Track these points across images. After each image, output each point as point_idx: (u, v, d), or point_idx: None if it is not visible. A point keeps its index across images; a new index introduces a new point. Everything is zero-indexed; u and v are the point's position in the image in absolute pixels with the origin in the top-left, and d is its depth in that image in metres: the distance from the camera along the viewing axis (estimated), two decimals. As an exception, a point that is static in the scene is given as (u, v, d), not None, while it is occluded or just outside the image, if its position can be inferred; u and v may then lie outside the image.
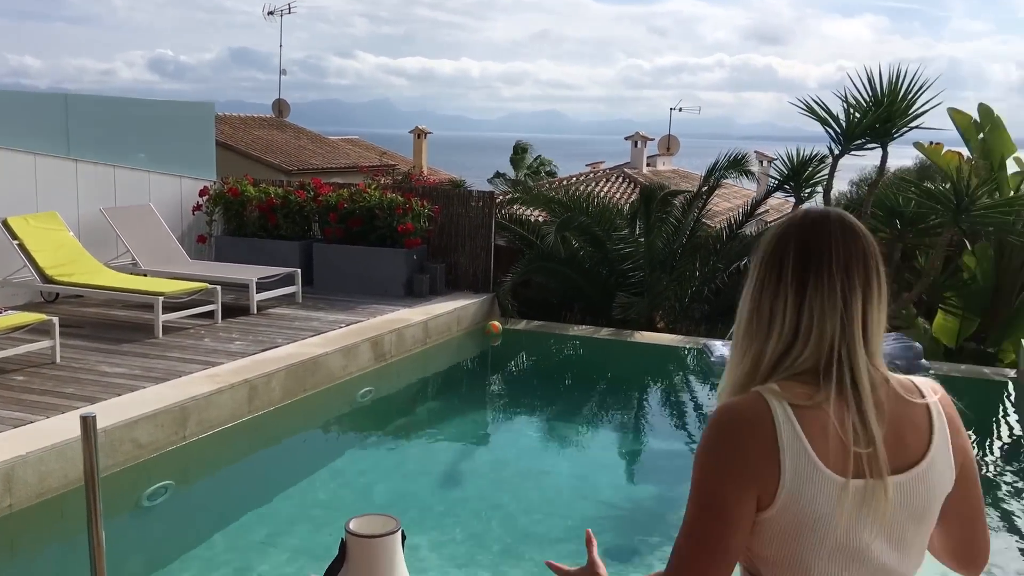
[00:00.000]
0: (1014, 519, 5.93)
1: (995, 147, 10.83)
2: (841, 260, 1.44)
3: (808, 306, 1.43)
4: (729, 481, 1.39)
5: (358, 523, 2.51)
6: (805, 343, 1.43)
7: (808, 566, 1.42)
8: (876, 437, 1.40)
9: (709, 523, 1.41)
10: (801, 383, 1.42)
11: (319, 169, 22.71)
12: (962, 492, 1.53)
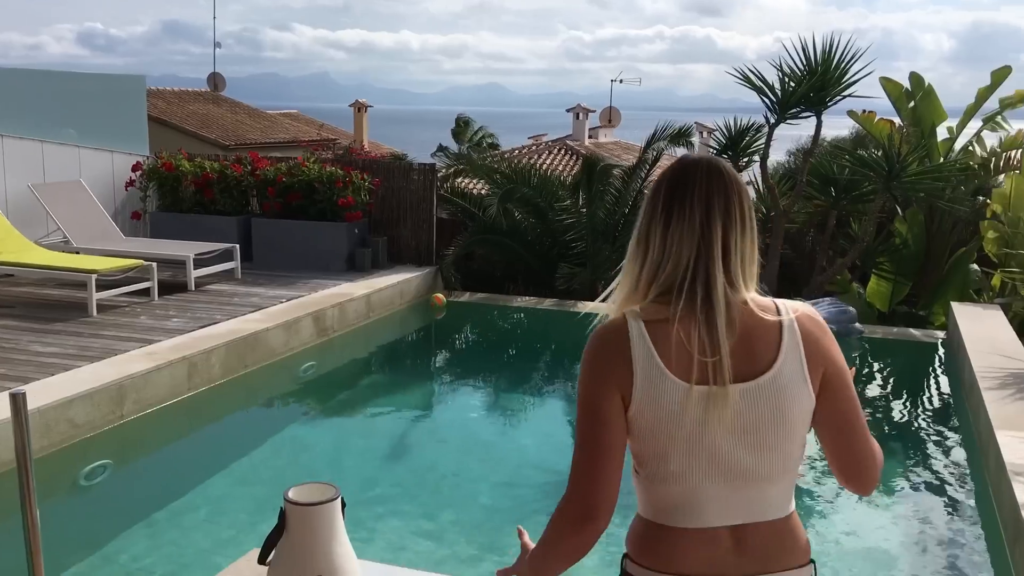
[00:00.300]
0: (942, 475, 6.13)
1: (925, 115, 11.08)
2: (703, 194, 1.66)
3: (671, 233, 1.66)
4: (596, 386, 1.65)
5: (297, 492, 2.51)
6: (667, 265, 1.65)
7: (668, 459, 1.64)
8: (721, 347, 1.60)
9: (587, 423, 1.66)
10: (662, 302, 1.65)
11: (257, 144, 22.34)
12: (830, 403, 1.68)
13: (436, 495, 5.47)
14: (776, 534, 1.69)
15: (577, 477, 1.67)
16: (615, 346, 1.65)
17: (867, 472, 1.72)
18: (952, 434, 6.88)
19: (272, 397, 7.46)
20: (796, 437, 1.66)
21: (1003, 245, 9.76)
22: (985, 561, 4.67)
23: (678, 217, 1.66)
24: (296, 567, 2.41)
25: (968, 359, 7.18)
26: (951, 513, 5.41)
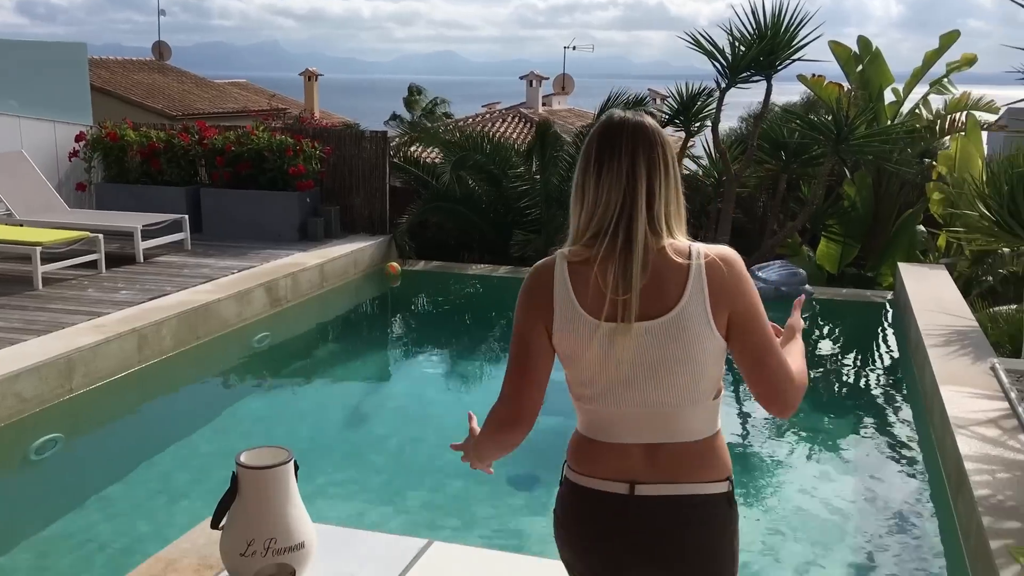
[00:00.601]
0: (890, 429, 6.28)
1: (873, 78, 11.20)
2: (629, 147, 1.83)
3: (602, 183, 1.83)
4: (525, 317, 1.90)
5: (249, 455, 2.49)
6: (599, 211, 1.83)
7: (588, 385, 1.87)
8: (633, 288, 1.77)
9: (517, 347, 1.92)
10: (588, 245, 1.84)
11: (205, 114, 21.95)
12: (741, 340, 1.84)
13: (394, 462, 5.48)
14: (687, 453, 1.87)
15: (507, 390, 1.94)
16: (541, 283, 1.88)
17: (783, 397, 1.88)
18: (899, 391, 7.05)
19: (225, 368, 7.38)
20: (702, 372, 1.83)
21: (948, 206, 9.94)
22: (930, 511, 4.80)
23: (607, 168, 1.83)
24: (249, 530, 2.40)
25: (914, 318, 7.34)
26: (899, 466, 5.55)
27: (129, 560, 3.92)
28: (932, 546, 4.44)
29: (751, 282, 1.87)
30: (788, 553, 4.34)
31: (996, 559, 3.50)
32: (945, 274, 9.06)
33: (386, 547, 2.72)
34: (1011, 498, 4.03)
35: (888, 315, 9.00)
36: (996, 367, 5.86)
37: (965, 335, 6.79)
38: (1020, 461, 4.43)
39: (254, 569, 2.41)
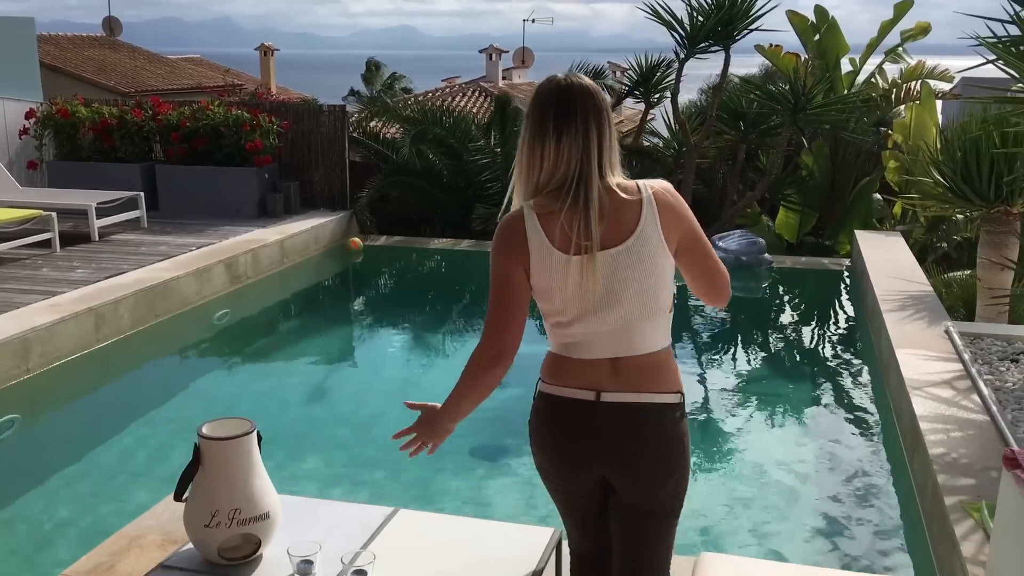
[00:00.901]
0: (848, 392, 6.40)
1: (830, 48, 11.29)
2: (582, 113, 2.11)
3: (562, 146, 2.10)
4: (504, 260, 2.16)
5: (211, 427, 2.47)
6: (559, 171, 2.11)
7: (562, 312, 2.16)
8: (593, 234, 2.08)
9: (499, 288, 2.18)
10: (551, 198, 2.12)
11: (159, 91, 21.53)
12: (688, 256, 2.20)
13: (358, 436, 5.46)
14: (646, 365, 2.18)
15: (493, 329, 2.20)
16: (516, 232, 2.14)
17: (725, 291, 2.28)
18: (856, 355, 7.16)
19: (185, 346, 7.31)
20: (660, 287, 2.15)
21: (904, 174, 10.08)
22: (887, 471, 4.90)
23: (567, 134, 2.10)
24: (213, 502, 2.39)
25: (871, 284, 7.45)
26: (856, 428, 5.65)
27: (91, 539, 3.89)
28: (889, 504, 4.54)
29: (686, 204, 2.21)
30: (748, 515, 4.41)
31: (951, 515, 3.59)
32: (901, 241, 9.21)
33: (352, 515, 2.72)
34: (964, 456, 4.12)
35: (846, 282, 9.13)
36: (950, 330, 5.97)
37: (920, 300, 6.92)
38: (973, 420, 4.53)
39: (219, 540, 2.40)
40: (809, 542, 4.18)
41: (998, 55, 5.51)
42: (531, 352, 2.56)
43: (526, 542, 2.60)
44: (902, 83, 11.39)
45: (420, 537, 2.62)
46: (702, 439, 5.40)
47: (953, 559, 3.42)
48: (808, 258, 9.97)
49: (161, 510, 3.73)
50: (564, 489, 2.32)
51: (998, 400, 4.74)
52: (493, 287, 2.19)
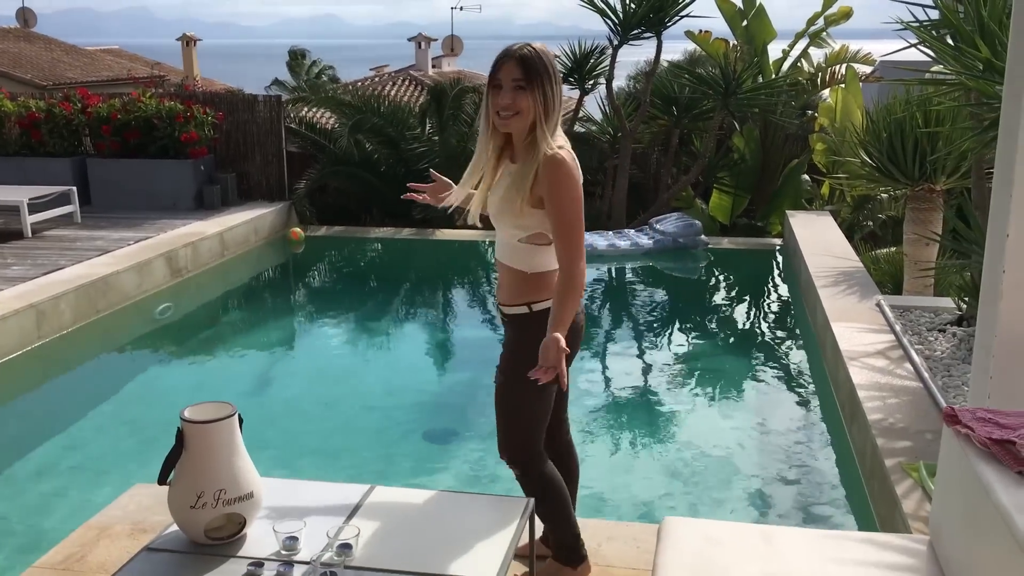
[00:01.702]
0: (786, 365, 6.64)
1: (757, 33, 11.58)
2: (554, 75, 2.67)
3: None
4: (582, 191, 2.66)
5: (193, 411, 2.51)
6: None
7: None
8: None
9: (581, 216, 2.67)
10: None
11: (79, 83, 20.98)
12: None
13: (307, 425, 5.47)
14: None
15: (580, 252, 2.65)
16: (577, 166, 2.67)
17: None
18: (793, 329, 7.43)
19: (128, 341, 7.21)
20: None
21: (831, 155, 10.43)
22: (827, 439, 5.14)
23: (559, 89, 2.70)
24: (198, 483, 2.43)
25: (804, 261, 7.73)
26: (795, 398, 5.89)
27: (39, 537, 3.88)
28: (830, 469, 4.76)
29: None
30: (696, 485, 4.58)
31: (891, 475, 3.81)
32: (830, 220, 9.54)
33: (330, 493, 2.79)
34: (900, 420, 4.36)
35: (779, 261, 9.43)
36: (881, 303, 6.26)
37: (851, 276, 7.21)
38: (907, 387, 4.78)
39: (205, 520, 2.44)
40: (756, 507, 4.37)
41: (921, 39, 5.77)
42: (480, 337, 2.66)
43: (500, 511, 2.71)
44: (827, 67, 11.75)
45: (399, 511, 2.70)
46: (649, 416, 5.57)
47: (895, 516, 3.63)
48: (743, 239, 10.25)
49: (126, 501, 3.75)
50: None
51: (929, 368, 5.01)
52: (576, 215, 2.63)
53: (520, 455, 2.91)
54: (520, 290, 2.80)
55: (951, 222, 6.69)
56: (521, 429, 2.88)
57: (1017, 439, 2.24)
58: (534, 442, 2.91)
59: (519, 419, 2.88)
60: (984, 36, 4.90)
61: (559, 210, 2.63)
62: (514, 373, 2.78)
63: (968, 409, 2.51)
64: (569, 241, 2.64)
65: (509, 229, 2.76)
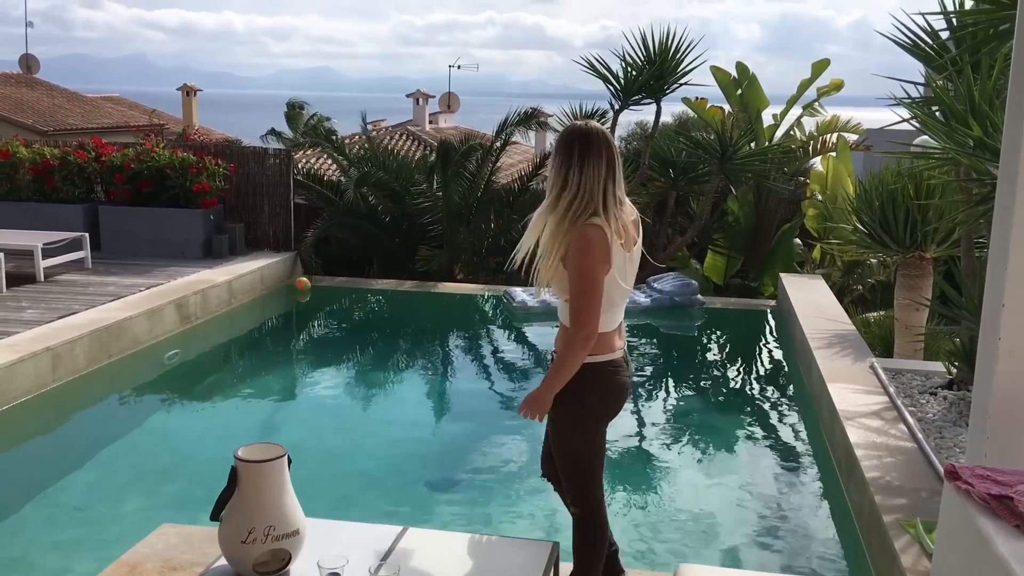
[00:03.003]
0: (781, 424, 6.82)
1: (752, 101, 11.98)
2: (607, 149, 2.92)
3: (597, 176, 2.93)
4: (600, 262, 2.87)
5: (246, 451, 2.68)
6: (595, 197, 2.91)
7: (619, 289, 2.98)
8: (633, 235, 3.04)
9: (598, 284, 2.87)
10: (601, 217, 2.91)
11: (79, 130, 21.28)
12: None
13: (309, 471, 5.53)
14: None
15: (593, 316, 2.87)
16: (605, 238, 2.86)
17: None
18: (787, 388, 7.63)
19: (140, 385, 7.34)
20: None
21: (823, 220, 10.75)
22: (824, 496, 5.30)
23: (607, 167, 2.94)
24: (249, 520, 2.59)
25: (799, 323, 7.96)
26: (791, 457, 6.06)
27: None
28: (828, 525, 4.92)
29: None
30: (689, 541, 4.72)
31: (889, 531, 3.98)
32: (823, 283, 9.81)
33: (366, 534, 2.94)
34: (897, 478, 4.54)
35: (770, 321, 9.66)
36: (875, 365, 6.47)
37: (845, 338, 7.43)
38: (902, 447, 4.97)
39: (254, 556, 2.60)
40: (757, 561, 4.51)
41: (914, 114, 6.08)
42: (479, 389, 2.84)
43: (528, 555, 2.87)
44: (818, 135, 12.14)
45: (432, 551, 2.86)
46: (647, 472, 5.72)
47: (893, 570, 3.79)
48: (736, 299, 10.49)
49: (155, 539, 3.87)
50: (604, 430, 3.08)
51: (922, 429, 5.20)
52: (592, 286, 2.86)
53: (584, 499, 3.09)
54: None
55: (940, 287, 6.94)
56: (579, 475, 3.08)
57: (1014, 495, 2.44)
58: (593, 486, 3.10)
59: (578, 465, 3.07)
60: (975, 115, 5.20)
61: (571, 280, 2.89)
62: (563, 421, 3.04)
63: (967, 466, 2.71)
64: (577, 307, 2.89)
65: (557, 288, 3.01)
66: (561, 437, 3.07)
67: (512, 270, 3.29)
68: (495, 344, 9.21)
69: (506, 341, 9.22)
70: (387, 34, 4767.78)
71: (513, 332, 9.34)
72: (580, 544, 3.09)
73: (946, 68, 5.73)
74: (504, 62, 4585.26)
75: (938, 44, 6.07)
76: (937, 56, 6.01)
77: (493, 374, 8.00)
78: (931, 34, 6.07)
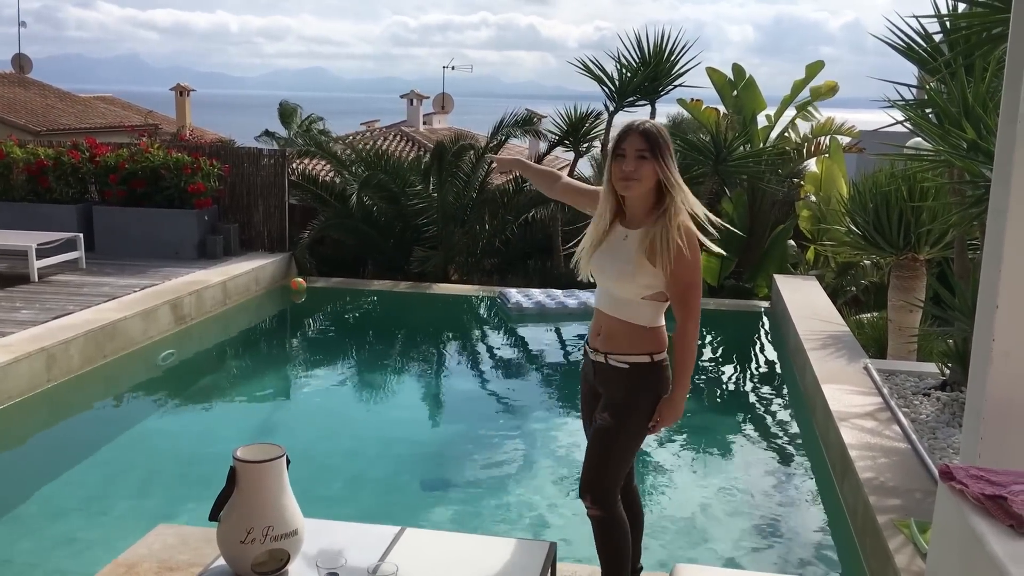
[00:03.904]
0: (776, 425, 6.85)
1: (747, 103, 12.00)
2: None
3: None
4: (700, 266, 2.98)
5: (245, 451, 2.69)
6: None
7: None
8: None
9: (701, 280, 2.97)
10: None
11: (72, 130, 21.23)
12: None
13: (305, 472, 5.54)
14: None
15: (699, 313, 2.97)
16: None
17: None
18: (782, 389, 7.65)
19: (135, 386, 7.33)
20: None
21: (816, 222, 10.78)
22: (818, 497, 5.32)
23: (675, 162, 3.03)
24: (248, 520, 2.60)
25: (793, 324, 7.99)
26: (786, 458, 6.08)
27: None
28: (822, 525, 4.95)
29: None
30: (685, 542, 4.74)
31: (883, 531, 4.00)
32: (816, 284, 9.84)
33: (364, 534, 2.95)
34: (891, 479, 4.56)
35: (764, 322, 9.69)
36: (869, 367, 6.50)
37: (839, 339, 7.46)
38: (896, 448, 4.99)
39: (253, 555, 2.60)
40: (752, 562, 4.53)
41: (908, 117, 6.12)
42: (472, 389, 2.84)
43: (526, 555, 2.88)
44: (813, 137, 12.17)
45: (430, 551, 2.87)
46: (645, 473, 5.73)
47: (888, 570, 3.81)
48: (730, 300, 10.52)
49: (152, 540, 3.88)
50: None
51: (916, 430, 5.23)
52: (699, 284, 2.96)
53: (608, 497, 3.08)
54: (641, 342, 3.01)
55: (933, 289, 6.97)
56: (618, 472, 3.07)
57: (1008, 495, 2.46)
58: (619, 485, 3.10)
59: (622, 462, 3.07)
60: (969, 117, 5.23)
61: (687, 275, 2.90)
62: (631, 418, 3.03)
63: (962, 467, 2.73)
64: (693, 305, 2.95)
65: (633, 288, 2.96)
66: (629, 434, 3.05)
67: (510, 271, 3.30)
68: (489, 345, 9.23)
69: (500, 342, 9.24)
70: (381, 35, 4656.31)
71: (507, 333, 9.36)
72: (606, 546, 3.10)
73: (939, 71, 5.76)
74: (498, 63, 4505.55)
75: (931, 47, 6.10)
76: (931, 59, 6.05)
77: (488, 375, 8.01)
78: (924, 37, 6.10)
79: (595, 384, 3.15)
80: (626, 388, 3.03)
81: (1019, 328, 2.86)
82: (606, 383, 3.09)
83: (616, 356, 3.04)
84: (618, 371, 3.04)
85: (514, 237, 11.63)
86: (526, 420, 6.67)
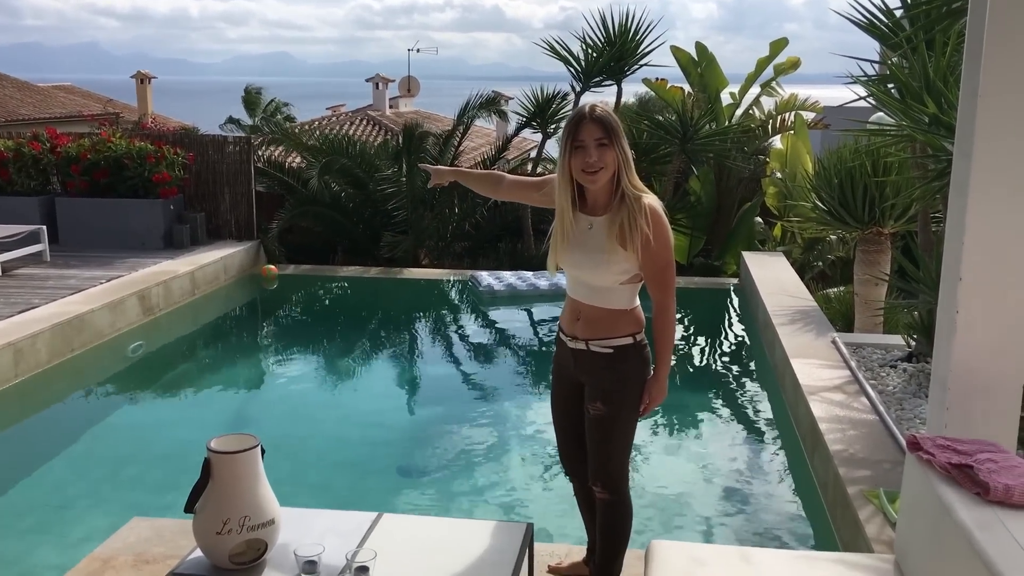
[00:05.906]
0: (746, 400, 6.93)
1: (711, 81, 12.06)
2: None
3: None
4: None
5: (219, 442, 2.68)
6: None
7: None
8: None
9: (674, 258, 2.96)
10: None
11: (30, 120, 20.88)
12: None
13: (283, 458, 5.54)
14: None
15: (674, 292, 2.98)
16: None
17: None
18: (751, 364, 7.74)
19: (104, 379, 7.26)
20: None
21: (783, 199, 10.87)
22: (789, 470, 5.40)
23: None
24: (224, 510, 2.60)
25: (761, 300, 8.07)
26: (757, 433, 6.16)
27: (45, 572, 3.96)
28: (793, 497, 5.02)
29: None
30: (659, 517, 4.78)
31: (854, 502, 4.07)
32: (784, 260, 9.93)
33: (341, 521, 2.96)
34: (860, 451, 4.64)
35: (733, 299, 9.77)
36: (836, 341, 6.59)
37: (807, 314, 7.55)
38: (864, 420, 5.07)
39: (230, 546, 2.60)
40: (725, 537, 4.60)
41: (870, 92, 6.17)
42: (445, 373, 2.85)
43: (503, 537, 2.90)
44: (777, 114, 12.25)
45: (408, 536, 2.88)
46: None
47: (859, 540, 3.88)
48: (700, 278, 10.60)
49: (126, 533, 3.86)
50: None
51: (883, 402, 5.31)
52: (673, 258, 2.95)
53: (621, 482, 3.12)
54: (622, 324, 3.00)
55: (898, 262, 7.06)
56: (623, 456, 3.11)
57: (974, 463, 2.51)
58: (627, 467, 3.15)
59: (625, 447, 3.10)
60: (930, 92, 5.29)
61: (661, 254, 2.90)
62: (625, 403, 3.04)
63: (929, 437, 2.78)
64: (670, 283, 2.96)
65: (610, 276, 2.92)
66: (626, 418, 3.05)
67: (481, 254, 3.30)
68: (462, 328, 9.23)
69: (473, 325, 9.25)
70: (345, 18, 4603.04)
71: (479, 316, 9.36)
72: (610, 529, 3.14)
73: (901, 46, 5.82)
74: (464, 45, 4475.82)
75: (893, 22, 6.16)
76: (892, 34, 6.11)
77: (460, 358, 8.02)
78: (886, 12, 6.16)
79: (575, 372, 3.10)
80: (614, 373, 3.01)
81: (982, 299, 2.92)
82: (591, 371, 3.04)
83: (598, 341, 3.00)
84: (603, 356, 3.00)
85: (484, 220, 11.61)
86: (500, 402, 6.70)
